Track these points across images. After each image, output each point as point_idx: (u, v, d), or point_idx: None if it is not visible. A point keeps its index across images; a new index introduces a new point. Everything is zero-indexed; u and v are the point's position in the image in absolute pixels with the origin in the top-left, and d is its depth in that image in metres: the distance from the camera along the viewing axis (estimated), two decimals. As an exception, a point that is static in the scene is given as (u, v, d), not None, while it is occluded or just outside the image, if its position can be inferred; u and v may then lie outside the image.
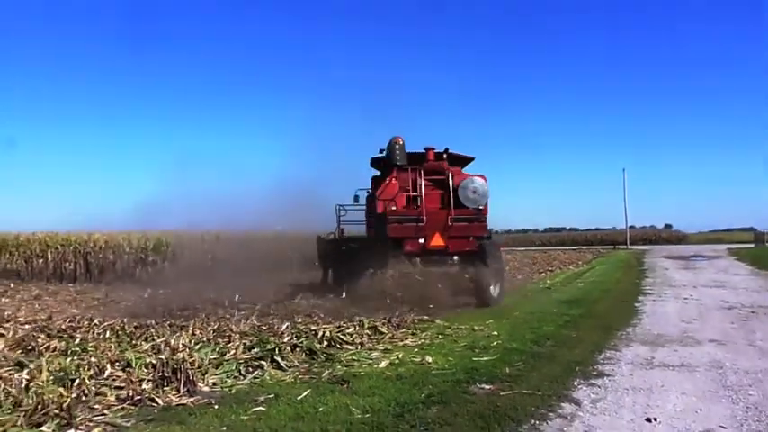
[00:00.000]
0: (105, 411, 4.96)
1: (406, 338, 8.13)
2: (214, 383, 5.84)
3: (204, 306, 11.35)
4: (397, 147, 11.83)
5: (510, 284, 15.36)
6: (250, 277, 18.45)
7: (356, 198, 14.03)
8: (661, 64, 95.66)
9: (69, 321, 9.47)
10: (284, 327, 8.37)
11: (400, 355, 6.95)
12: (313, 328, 8.27)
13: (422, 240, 11.57)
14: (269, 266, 19.36)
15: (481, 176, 12.13)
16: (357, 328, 8.50)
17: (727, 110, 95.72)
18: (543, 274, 20.48)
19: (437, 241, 11.64)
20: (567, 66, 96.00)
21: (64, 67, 79.13)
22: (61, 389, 5.12)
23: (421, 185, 11.86)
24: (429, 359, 6.69)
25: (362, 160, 14.27)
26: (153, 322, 9.31)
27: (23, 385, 5.38)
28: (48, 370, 5.85)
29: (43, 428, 4.51)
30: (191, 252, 19.41)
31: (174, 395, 5.40)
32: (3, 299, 14.69)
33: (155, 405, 5.14)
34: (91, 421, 4.72)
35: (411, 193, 11.83)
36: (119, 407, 5.08)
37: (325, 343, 7.55)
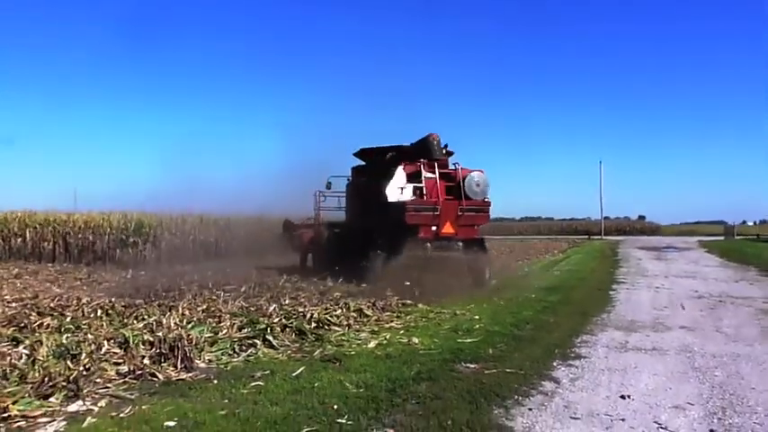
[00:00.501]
0: (108, 385, 5.19)
1: (392, 321, 8.46)
2: (210, 360, 6.10)
3: (190, 288, 11.48)
4: (435, 142, 12.77)
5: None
6: (232, 260, 18.63)
7: (329, 185, 15.09)
8: (639, 57, 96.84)
9: (57, 300, 9.62)
10: (272, 308, 8.65)
11: (387, 337, 7.27)
12: (300, 309, 8.54)
13: (434, 228, 12.50)
14: (250, 249, 19.61)
15: (481, 171, 13.10)
16: (344, 310, 8.78)
17: (701, 105, 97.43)
18: (521, 262, 20.95)
19: (448, 229, 12.62)
20: (547, 56, 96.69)
21: (62, 48, 77.92)
22: (68, 362, 5.32)
23: (436, 178, 12.74)
24: (416, 340, 7.01)
25: (348, 149, 14.74)
26: (142, 302, 9.46)
27: (25, 360, 5.60)
28: (47, 346, 6.06)
29: (51, 400, 4.72)
30: (172, 234, 19.44)
31: (172, 371, 5.65)
32: (-19, 278, 14.63)
33: (155, 380, 5.38)
34: (96, 393, 4.94)
35: (420, 185, 12.65)
36: (120, 381, 5.31)
37: (314, 324, 7.80)
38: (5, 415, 4.33)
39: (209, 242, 20.47)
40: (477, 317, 8.77)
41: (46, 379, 4.98)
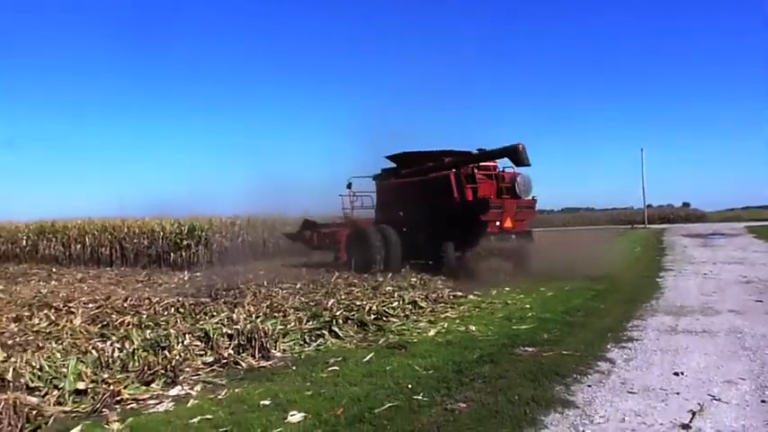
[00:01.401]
0: (199, 372, 5.79)
1: (446, 312, 8.92)
2: (284, 350, 6.66)
3: (248, 286, 12.10)
4: (523, 150, 13.77)
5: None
6: (279, 259, 19.30)
7: (350, 185, 16.88)
8: (680, 43, 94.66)
9: (129, 301, 10.34)
10: (331, 302, 9.20)
11: (445, 325, 7.74)
12: (358, 303, 9.08)
13: (498, 223, 14.16)
14: (295, 249, 20.28)
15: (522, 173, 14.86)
16: (399, 303, 9.27)
17: (747, 87, 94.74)
18: (564, 253, 20.99)
19: (508, 224, 14.31)
20: (586, 43, 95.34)
21: (107, 52, 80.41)
22: (166, 352, 5.93)
23: (490, 180, 14.50)
24: (473, 328, 7.46)
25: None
26: (208, 300, 10.14)
27: (121, 353, 6.22)
28: (135, 340, 6.71)
29: (153, 385, 5.33)
30: (222, 236, 20.24)
31: (252, 360, 6.23)
32: (51, 282, 15.60)
33: (239, 368, 5.97)
34: (190, 380, 5.53)
35: (475, 186, 14.28)
36: (208, 369, 5.91)
37: (373, 316, 8.32)
38: (119, 398, 4.94)
39: (257, 243, 21.17)
40: (527, 306, 9.15)
41: (145, 368, 5.60)
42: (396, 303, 9.18)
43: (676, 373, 5.33)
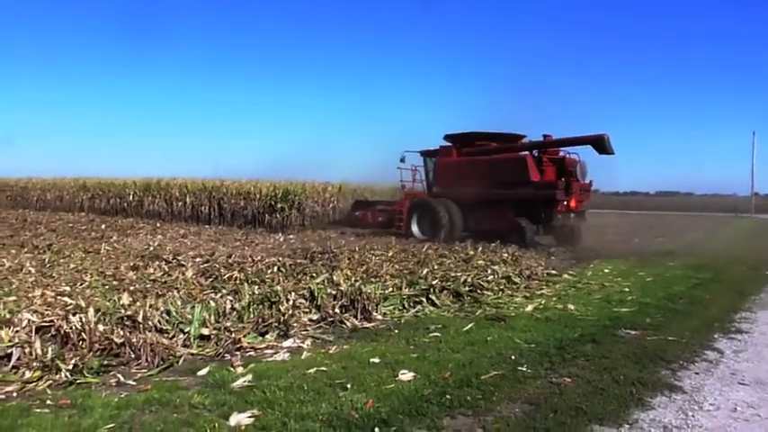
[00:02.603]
0: (307, 328, 6.19)
1: (541, 289, 8.97)
2: (384, 314, 6.98)
3: (341, 251, 12.55)
4: (608, 140, 15.13)
5: (628, 247, 16.58)
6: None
7: (403, 158, 18.22)
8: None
9: (234, 258, 11.01)
10: (425, 272, 9.44)
11: (542, 302, 7.81)
12: (452, 274, 9.27)
13: (566, 203, 15.86)
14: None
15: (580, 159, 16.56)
16: (494, 277, 9.38)
17: None
18: (661, 239, 20.34)
19: (573, 204, 16.02)
20: (697, 21, 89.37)
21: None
22: (279, 307, 6.37)
23: (553, 164, 16.36)
24: (571, 307, 7.48)
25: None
26: (306, 262, 10.64)
27: (231, 306, 6.70)
28: (248, 294, 7.19)
29: (267, 336, 5.77)
30: (314, 202, 20.97)
31: (355, 321, 6.56)
32: (157, 236, 16.76)
33: (344, 327, 6.32)
34: (301, 334, 5.92)
35: (542, 168, 16.19)
36: (315, 326, 6.30)
37: (468, 288, 8.48)
38: (239, 346, 5.39)
39: (347, 209, 21.75)
40: (626, 289, 9.01)
41: (260, 320, 6.06)
42: (491, 277, 9.29)
43: (791, 369, 5.18)
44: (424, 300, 7.60)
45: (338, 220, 20.63)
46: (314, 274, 9.06)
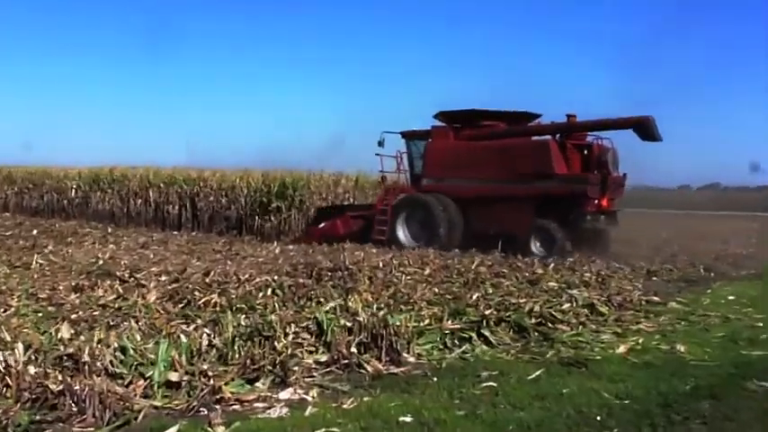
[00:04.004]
0: (313, 374, 6.21)
1: (638, 322, 8.93)
2: (419, 354, 7.00)
3: (359, 267, 12.51)
4: (654, 123, 16.03)
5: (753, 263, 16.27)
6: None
7: (382, 142, 18.70)
8: None
9: (213, 276, 11.07)
10: (475, 296, 9.44)
11: (639, 341, 7.76)
12: (513, 301, 9.23)
13: (596, 201, 16.55)
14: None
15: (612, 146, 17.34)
16: (572, 305, 9.34)
17: None
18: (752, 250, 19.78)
19: (604, 202, 16.76)
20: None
21: None
22: (277, 343, 6.42)
23: (592, 150, 17.14)
24: (680, 348, 7.41)
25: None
26: (309, 282, 10.68)
27: (208, 341, 6.72)
28: (232, 325, 7.21)
29: (258, 384, 5.80)
30: (322, 199, 21.08)
31: (378, 364, 6.56)
32: (109, 245, 16.98)
33: (363, 372, 6.33)
34: (304, 382, 5.94)
35: (566, 158, 16.91)
36: (324, 370, 6.32)
37: (535, 320, 8.45)
38: (219, 397, 5.41)
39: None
40: (759, 324, 8.89)
41: (248, 362, 6.07)
42: (566, 305, 9.25)
43: None
44: (473, 336, 7.60)
45: (296, 238, 20.60)
46: (322, 300, 9.12)
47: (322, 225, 19.79)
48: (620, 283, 11.83)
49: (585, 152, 17.24)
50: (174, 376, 5.67)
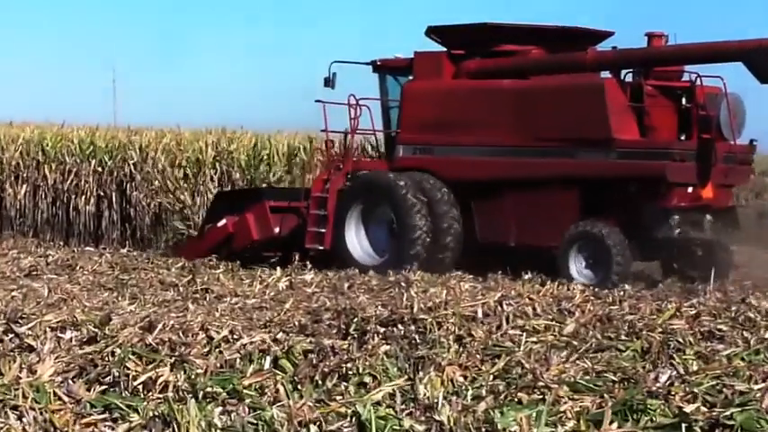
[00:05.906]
0: None
1: None
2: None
3: (435, 314, 11.54)
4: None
5: None
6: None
7: (330, 81, 18.72)
8: None
9: (162, 331, 9.93)
10: (665, 378, 8.43)
11: None
12: (742, 388, 8.10)
13: (691, 189, 16.30)
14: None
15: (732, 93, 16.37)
16: None
17: None
18: None
19: (708, 192, 16.36)
20: None
21: None
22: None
23: (694, 99, 16.56)
24: None
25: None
26: (346, 346, 9.87)
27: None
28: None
29: None
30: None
31: None
32: None
33: None
34: None
35: (641, 109, 16.67)
36: None
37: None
38: None
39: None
40: None
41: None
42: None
43: None
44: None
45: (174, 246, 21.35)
46: (367, 380, 8.34)
47: (221, 223, 19.57)
48: None
49: (683, 101, 16.75)
50: None
